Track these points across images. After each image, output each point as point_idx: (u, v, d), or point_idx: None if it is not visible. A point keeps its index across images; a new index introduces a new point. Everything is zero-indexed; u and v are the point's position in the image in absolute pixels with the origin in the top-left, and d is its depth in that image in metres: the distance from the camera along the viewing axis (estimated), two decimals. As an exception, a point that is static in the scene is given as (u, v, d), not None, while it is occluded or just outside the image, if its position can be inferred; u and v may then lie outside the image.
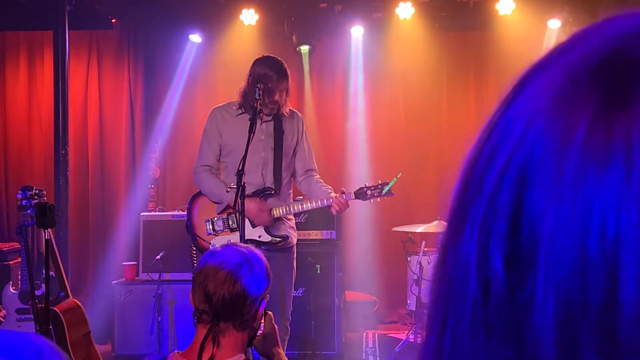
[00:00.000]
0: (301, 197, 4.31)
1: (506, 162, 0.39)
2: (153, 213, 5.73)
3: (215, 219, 3.89)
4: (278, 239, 3.85)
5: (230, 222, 3.86)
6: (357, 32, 6.15)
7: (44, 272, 3.75)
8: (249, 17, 6.00)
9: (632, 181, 0.34)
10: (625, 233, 0.34)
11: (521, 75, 0.43)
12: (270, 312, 2.12)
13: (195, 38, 6.23)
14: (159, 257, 5.23)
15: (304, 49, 6.09)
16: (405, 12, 5.91)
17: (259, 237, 3.82)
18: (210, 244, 3.79)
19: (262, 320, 2.06)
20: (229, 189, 3.67)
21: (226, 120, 3.87)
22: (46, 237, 3.68)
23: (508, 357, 0.38)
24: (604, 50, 0.38)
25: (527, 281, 0.37)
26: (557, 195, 0.36)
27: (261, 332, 2.07)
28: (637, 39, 0.38)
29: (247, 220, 3.80)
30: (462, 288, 0.40)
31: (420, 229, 5.10)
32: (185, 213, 4.03)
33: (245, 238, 3.72)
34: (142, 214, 5.58)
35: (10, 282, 4.29)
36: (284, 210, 3.85)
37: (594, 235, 0.35)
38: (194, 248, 4.06)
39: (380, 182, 3.87)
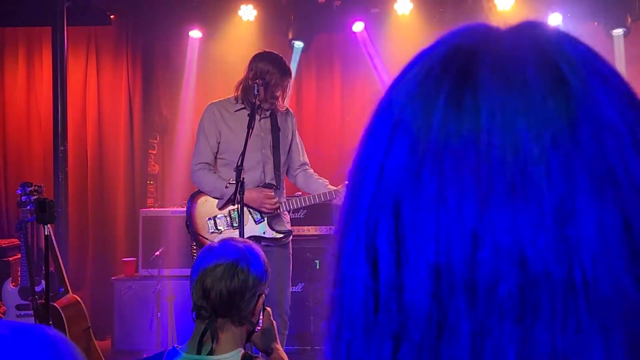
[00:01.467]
0: (300, 193, 4.32)
1: (382, 162, 0.45)
2: (152, 209, 5.74)
3: (218, 217, 3.88)
4: (282, 234, 3.86)
5: (232, 220, 3.86)
6: (358, 27, 6.13)
7: (43, 268, 3.76)
8: (247, 13, 5.99)
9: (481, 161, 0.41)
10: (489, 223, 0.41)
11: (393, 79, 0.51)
12: (268, 308, 2.12)
13: (194, 34, 6.23)
14: (158, 253, 5.23)
15: (298, 44, 6.07)
16: (403, 7, 5.91)
17: (264, 233, 3.82)
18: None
19: (261, 316, 2.06)
20: (228, 185, 3.67)
21: (224, 117, 3.85)
22: (46, 233, 3.68)
23: (394, 330, 0.43)
24: (447, 46, 0.47)
25: (405, 257, 0.43)
26: (423, 185, 0.43)
27: (260, 327, 2.07)
28: (471, 34, 0.48)
29: (250, 217, 3.80)
30: (350, 285, 0.46)
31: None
32: (185, 209, 4.02)
33: (250, 235, 3.72)
34: (141, 210, 5.59)
35: (10, 279, 4.30)
36: (291, 204, 3.86)
37: (452, 214, 0.42)
38: (194, 246, 4.06)
39: None
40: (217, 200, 3.85)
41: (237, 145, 3.70)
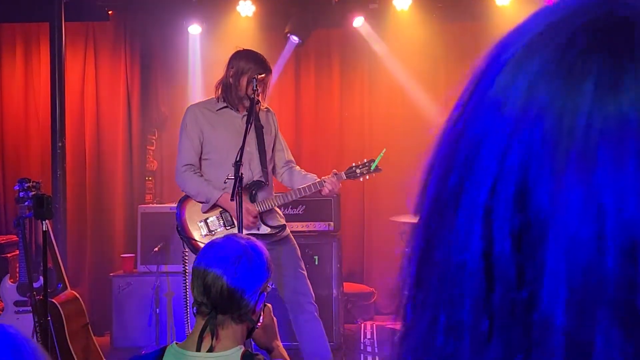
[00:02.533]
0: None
1: (506, 143, 0.38)
2: (151, 205, 5.73)
3: (210, 219, 3.86)
4: (276, 229, 3.86)
5: (224, 221, 3.86)
6: (358, 22, 6.10)
7: (41, 264, 3.75)
8: (246, 8, 5.97)
9: None
10: None
11: (496, 47, 0.42)
12: (269, 305, 2.11)
13: (193, 30, 6.21)
14: (157, 249, 5.23)
15: (294, 39, 6.06)
16: (402, 3, 5.89)
17: (258, 229, 3.82)
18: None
19: (262, 313, 2.05)
20: (226, 180, 3.66)
21: (207, 118, 3.84)
22: (44, 229, 3.67)
23: (515, 345, 0.36)
24: (590, 13, 0.38)
25: (536, 259, 0.36)
26: (567, 175, 0.36)
27: (260, 324, 2.06)
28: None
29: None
30: (459, 279, 0.39)
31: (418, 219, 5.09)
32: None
33: (245, 233, 3.72)
34: (140, 206, 5.58)
35: (8, 275, 4.29)
36: (281, 199, 3.86)
37: (611, 214, 0.34)
38: (186, 251, 4.04)
39: (366, 160, 3.94)
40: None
41: (221, 144, 3.73)
